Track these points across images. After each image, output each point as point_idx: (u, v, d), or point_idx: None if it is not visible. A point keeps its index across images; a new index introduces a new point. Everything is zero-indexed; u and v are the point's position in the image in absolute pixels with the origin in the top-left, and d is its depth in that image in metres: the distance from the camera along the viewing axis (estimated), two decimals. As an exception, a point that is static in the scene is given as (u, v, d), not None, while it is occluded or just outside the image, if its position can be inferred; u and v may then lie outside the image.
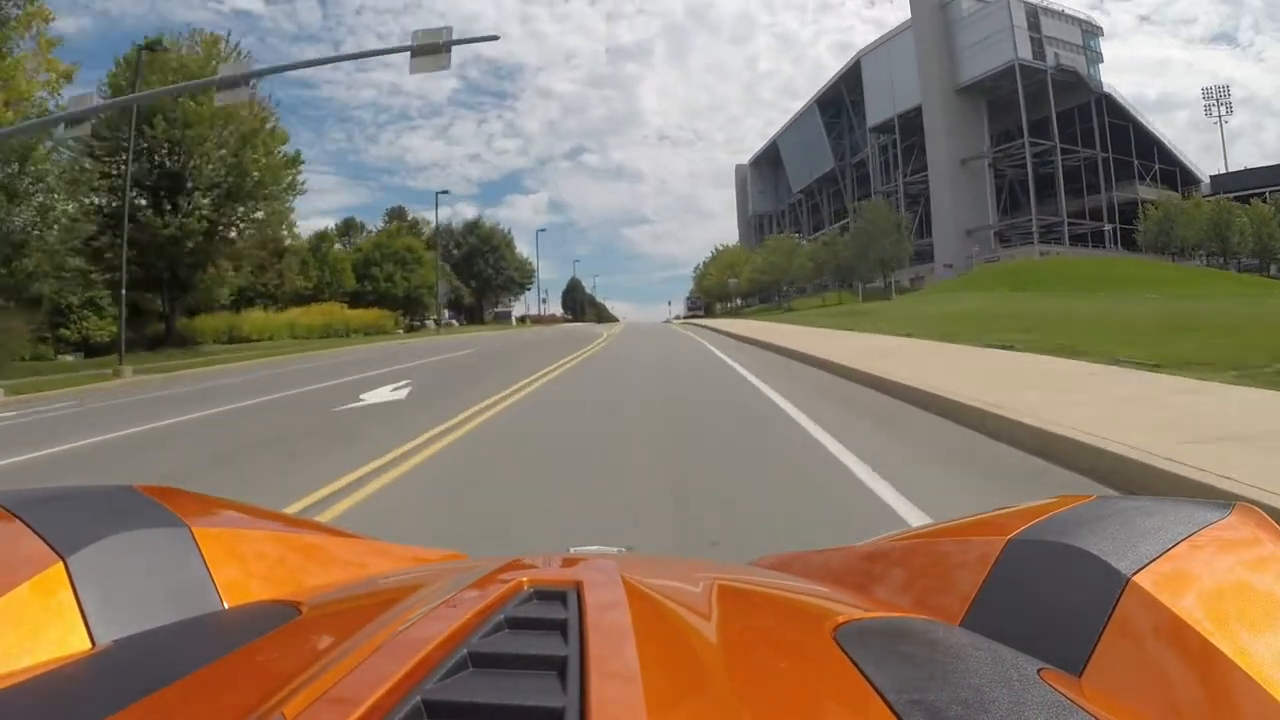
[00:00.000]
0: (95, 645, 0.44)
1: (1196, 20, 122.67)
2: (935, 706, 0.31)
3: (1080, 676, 0.40)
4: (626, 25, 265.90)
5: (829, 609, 0.48)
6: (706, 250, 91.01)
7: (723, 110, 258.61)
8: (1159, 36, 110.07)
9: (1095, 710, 0.33)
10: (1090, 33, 57.42)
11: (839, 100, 72.36)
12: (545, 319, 76.06)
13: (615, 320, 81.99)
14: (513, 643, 0.34)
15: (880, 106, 63.82)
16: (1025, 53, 53.46)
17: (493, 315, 67.89)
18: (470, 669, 0.31)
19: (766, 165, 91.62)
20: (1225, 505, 0.53)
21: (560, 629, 0.35)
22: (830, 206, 75.28)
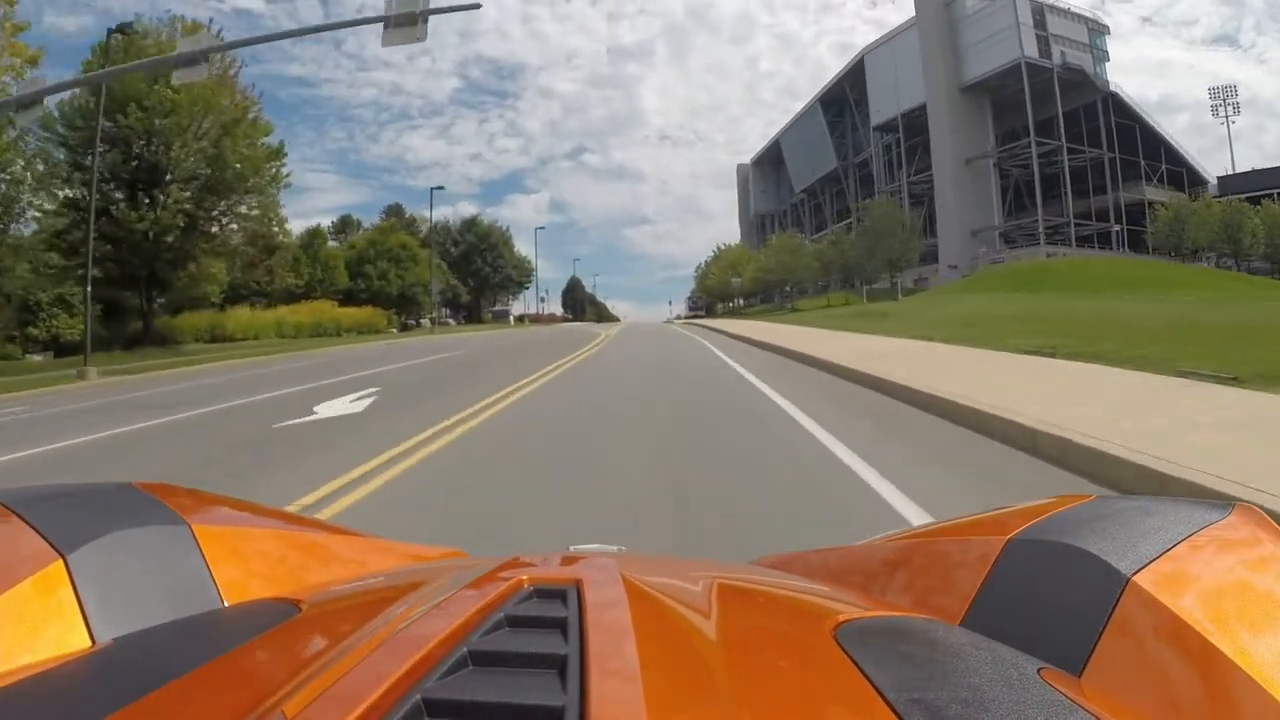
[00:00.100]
0: (95, 643, 0.44)
1: (1198, 22, 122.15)
2: (935, 706, 0.31)
3: (1080, 676, 0.40)
4: (628, 25, 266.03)
5: (829, 608, 0.48)
6: (707, 251, 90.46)
7: (723, 110, 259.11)
8: (1160, 38, 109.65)
9: (1095, 710, 0.33)
10: (1096, 31, 56.46)
11: (842, 99, 71.36)
12: (544, 318, 75.39)
13: (615, 320, 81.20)
14: (513, 641, 0.34)
15: (884, 105, 62.83)
16: (1031, 51, 52.41)
17: (490, 314, 66.92)
18: (470, 667, 0.31)
19: (768, 165, 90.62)
20: (1225, 505, 0.52)
21: (560, 627, 0.35)
22: (833, 206, 74.21)
